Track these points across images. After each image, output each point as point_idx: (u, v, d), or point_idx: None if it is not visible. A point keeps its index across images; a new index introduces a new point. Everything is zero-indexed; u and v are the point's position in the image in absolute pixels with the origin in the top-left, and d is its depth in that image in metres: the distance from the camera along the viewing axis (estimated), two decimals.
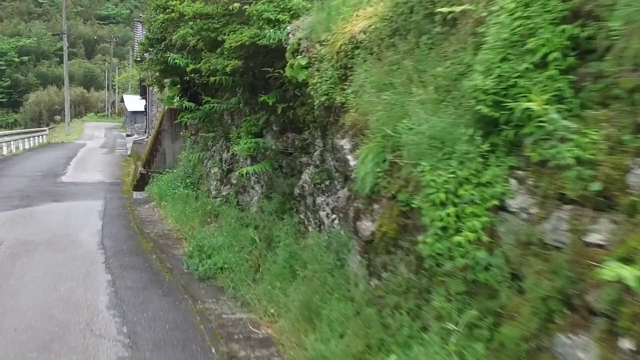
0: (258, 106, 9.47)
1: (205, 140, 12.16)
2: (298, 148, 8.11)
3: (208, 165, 11.82)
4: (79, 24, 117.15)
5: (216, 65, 8.72)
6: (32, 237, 9.79)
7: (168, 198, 12.47)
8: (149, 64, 12.42)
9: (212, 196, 11.09)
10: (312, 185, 7.47)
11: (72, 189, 15.75)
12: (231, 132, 10.60)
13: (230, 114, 10.89)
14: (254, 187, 9.58)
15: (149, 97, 33.56)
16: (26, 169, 20.53)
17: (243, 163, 9.99)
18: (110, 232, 10.45)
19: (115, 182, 17.84)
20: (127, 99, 68.58)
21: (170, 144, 15.40)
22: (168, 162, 15.40)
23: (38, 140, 36.23)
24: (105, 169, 21.36)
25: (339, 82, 5.93)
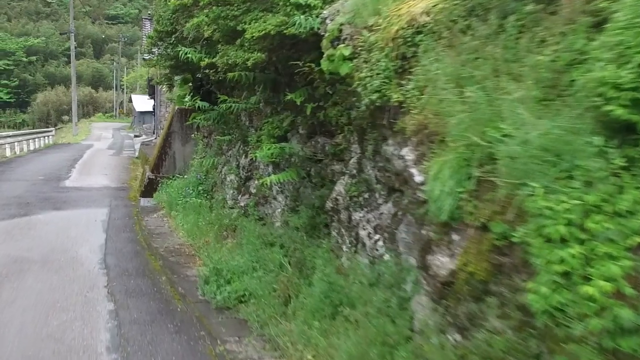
0: (281, 106, 8.35)
1: (219, 143, 11.01)
2: (329, 154, 6.96)
3: (223, 172, 10.67)
4: (87, 24, 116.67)
5: (235, 59, 7.57)
6: (27, 253, 8.66)
7: (179, 207, 11.33)
8: (158, 60, 11.28)
9: (228, 206, 9.94)
10: (348, 197, 6.33)
11: (75, 195, 14.64)
12: (249, 135, 9.47)
13: (249, 115, 9.76)
14: (276, 197, 8.42)
15: (157, 97, 32.51)
16: (28, 172, 19.46)
17: (264, 170, 8.85)
18: (115, 247, 9.32)
19: (121, 187, 16.73)
20: (136, 99, 67.72)
21: (181, 147, 14.27)
22: (178, 166, 14.27)
23: (44, 141, 35.24)
24: (112, 173, 20.26)
25: (394, 76, 4.76)
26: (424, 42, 4.48)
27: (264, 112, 8.94)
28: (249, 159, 9.44)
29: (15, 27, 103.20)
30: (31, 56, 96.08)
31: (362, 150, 6.20)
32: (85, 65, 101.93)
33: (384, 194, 5.64)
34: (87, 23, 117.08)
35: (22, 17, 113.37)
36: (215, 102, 10.32)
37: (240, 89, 10.29)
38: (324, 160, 7.15)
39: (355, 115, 6.07)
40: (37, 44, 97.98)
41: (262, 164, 8.90)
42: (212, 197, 11.07)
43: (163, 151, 14.27)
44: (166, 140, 14.25)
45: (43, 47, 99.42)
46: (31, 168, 20.81)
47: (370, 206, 5.96)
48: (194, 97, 11.33)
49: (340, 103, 6.59)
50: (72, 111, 50.60)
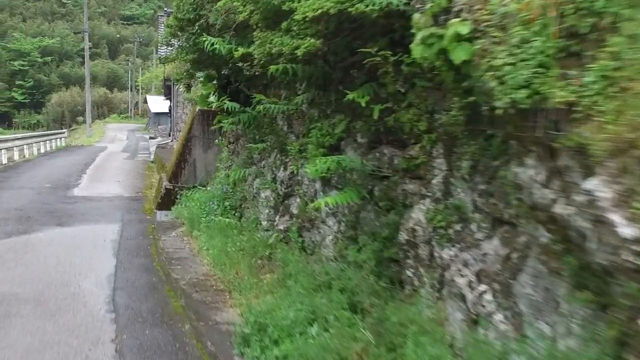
0: (331, 107, 6.67)
1: (250, 152, 9.32)
2: (400, 170, 5.27)
3: (255, 186, 8.97)
4: (103, 24, 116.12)
5: (281, 47, 5.87)
6: (17, 288, 7.01)
7: (202, 226, 9.66)
8: (178, 53, 9.60)
9: (262, 229, 8.24)
10: (430, 228, 4.64)
11: (83, 207, 13.01)
12: (288, 143, 7.80)
13: (287, 119, 8.09)
14: (326, 221, 6.71)
15: (173, 98, 30.95)
16: (35, 178, 17.89)
17: (309, 187, 7.15)
18: (126, 278, 7.64)
19: (135, 196, 15.09)
20: (151, 100, 66.39)
21: (202, 153, 12.61)
22: (199, 175, 12.60)
23: (56, 144, 33.80)
24: (125, 179, 18.65)
25: (556, 64, 3.04)
26: (612, 8, 2.78)
27: (308, 115, 7.28)
28: (289, 172, 7.73)
29: (31, 28, 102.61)
30: (46, 57, 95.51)
31: (450, 166, 4.54)
32: (100, 65, 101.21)
33: (485, 227, 4.03)
34: (102, 23, 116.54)
35: (37, 17, 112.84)
36: (245, 103, 8.71)
37: (276, 87, 8.65)
38: (392, 177, 5.46)
39: (445, 121, 4.40)
40: (52, 45, 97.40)
41: (307, 179, 7.21)
42: (241, 215, 9.37)
43: (182, 158, 12.62)
44: (185, 146, 12.60)
45: (58, 47, 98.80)
46: (39, 174, 19.26)
47: (464, 242, 4.30)
48: (219, 96, 9.72)
49: (417, 105, 4.94)
50: (86, 112, 49.24)
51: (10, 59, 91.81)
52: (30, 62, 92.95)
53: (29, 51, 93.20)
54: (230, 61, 8.50)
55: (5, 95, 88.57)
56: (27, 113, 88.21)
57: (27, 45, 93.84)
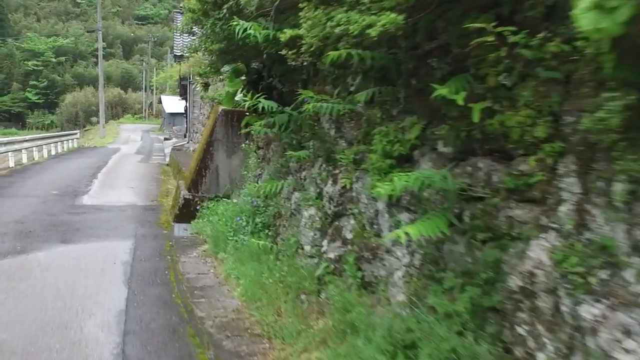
0: (400, 107, 5.19)
1: (286, 160, 7.87)
2: (503, 190, 3.78)
3: (294, 201, 7.46)
4: (117, 24, 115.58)
5: (346, 26, 4.41)
6: (4, 333, 5.58)
7: (229, 247, 8.19)
8: (201, 43, 8.11)
9: (305, 254, 6.74)
10: (558, 273, 3.17)
11: (92, 219, 11.59)
12: (337, 151, 6.34)
13: (335, 120, 6.62)
14: (392, 251, 5.21)
15: (189, 98, 29.58)
16: (41, 184, 16.52)
17: (367, 206, 5.65)
18: (140, 317, 6.17)
19: (150, 205, 13.66)
20: (165, 100, 65.30)
21: (226, 159, 11.15)
22: (222, 184, 11.15)
23: (67, 145, 32.54)
24: (139, 185, 17.23)
25: None
26: None
27: (366, 117, 5.81)
28: (340, 187, 6.22)
29: (45, 28, 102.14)
30: (60, 57, 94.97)
31: (587, 188, 3.04)
32: (115, 66, 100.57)
33: None
34: (116, 23, 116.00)
35: (52, 17, 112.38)
36: (279, 101, 7.28)
37: (320, 82, 7.20)
38: (489, 199, 3.95)
39: (588, 125, 2.95)
40: (66, 45, 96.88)
41: (364, 196, 5.72)
42: (276, 235, 7.88)
43: (203, 164, 11.16)
44: (207, 151, 11.14)
45: (72, 47, 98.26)
46: (46, 179, 17.89)
47: (614, 296, 2.78)
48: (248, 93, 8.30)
49: (531, 104, 3.49)
50: (99, 112, 48.09)
51: (25, 59, 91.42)
52: (44, 62, 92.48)
53: (43, 51, 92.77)
54: (266, 51, 7.08)
55: (19, 96, 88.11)
56: (41, 113, 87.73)
57: (41, 45, 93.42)
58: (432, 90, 3.82)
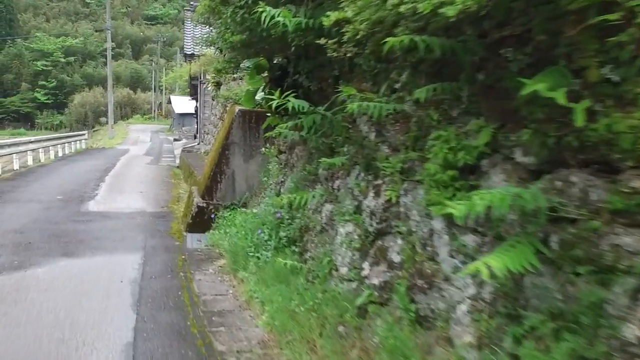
0: (461, 107, 4.27)
1: (315, 167, 6.96)
2: (606, 211, 2.83)
3: (325, 213, 6.52)
4: (126, 25, 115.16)
5: (413, 4, 3.50)
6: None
7: (250, 264, 7.28)
8: (220, 34, 7.17)
9: (340, 277, 5.79)
10: None
11: (98, 228, 10.69)
12: (380, 158, 5.43)
13: (375, 123, 5.71)
14: (452, 280, 4.28)
15: (200, 98, 28.72)
16: (46, 188, 15.66)
17: (420, 224, 4.72)
18: (150, 352, 5.24)
19: (160, 212, 12.76)
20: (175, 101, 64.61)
21: (243, 164, 10.23)
22: (239, 191, 10.23)
23: (75, 146, 31.75)
24: (148, 189, 16.34)
25: None
26: None
27: (417, 118, 4.88)
28: (384, 200, 5.29)
29: (54, 28, 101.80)
30: (69, 57, 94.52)
31: None
32: (124, 66, 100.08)
33: None
34: (125, 23, 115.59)
35: (61, 17, 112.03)
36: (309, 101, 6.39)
37: (358, 78, 6.29)
38: (589, 221, 3.00)
39: None
40: (75, 45, 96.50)
41: (416, 212, 4.79)
42: (303, 251, 6.94)
43: (218, 169, 10.24)
44: (222, 155, 10.22)
45: (81, 47, 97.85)
46: (51, 182, 17.05)
47: None
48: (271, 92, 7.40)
49: None
50: (108, 113, 47.34)
51: (34, 59, 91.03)
52: (54, 62, 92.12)
53: (52, 51, 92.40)
54: (294, 43, 6.18)
55: (28, 96, 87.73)
56: (50, 114, 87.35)
57: (50, 46, 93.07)
58: (509, 87, 2.91)
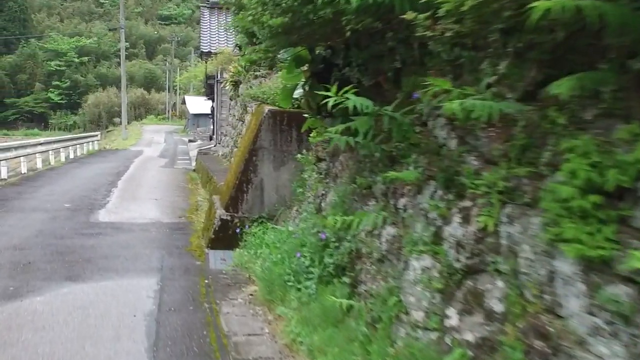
0: (602, 107, 2.86)
1: (368, 179, 5.69)
2: None
3: (387, 239, 5.22)
4: (140, 24, 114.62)
5: None
6: None
7: (289, 296, 6.01)
8: (257, 15, 5.84)
9: (414, 323, 4.48)
10: None
11: (107, 243, 9.47)
12: (466, 172, 4.11)
13: (459, 127, 4.40)
14: (588, 343, 2.94)
15: (217, 98, 27.52)
16: (53, 194, 14.49)
17: (535, 263, 3.38)
18: None
19: (177, 223, 11.53)
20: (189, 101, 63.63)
21: (273, 171, 8.97)
22: (268, 202, 8.98)
23: (87, 148, 30.67)
24: (164, 196, 15.11)
25: None
26: None
27: (528, 121, 3.59)
28: (476, 228, 3.97)
29: (68, 28, 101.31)
30: (83, 57, 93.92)
31: None
32: (138, 66, 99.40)
33: None
34: (139, 23, 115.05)
35: (75, 17, 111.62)
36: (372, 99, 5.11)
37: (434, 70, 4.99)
38: None
39: None
40: (89, 45, 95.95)
41: (529, 248, 3.48)
42: (356, 284, 5.63)
43: (244, 177, 8.99)
44: (249, 161, 8.97)
45: (95, 47, 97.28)
46: (59, 188, 15.88)
47: None
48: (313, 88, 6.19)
49: None
50: (122, 113, 46.33)
51: (47, 60, 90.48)
52: (67, 62, 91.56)
53: (66, 51, 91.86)
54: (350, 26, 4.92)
55: (42, 96, 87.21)
56: (64, 114, 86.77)
57: (64, 46, 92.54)
58: None
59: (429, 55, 4.95)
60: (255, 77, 16.61)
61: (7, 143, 18.91)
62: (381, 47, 5.75)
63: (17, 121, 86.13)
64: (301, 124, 8.84)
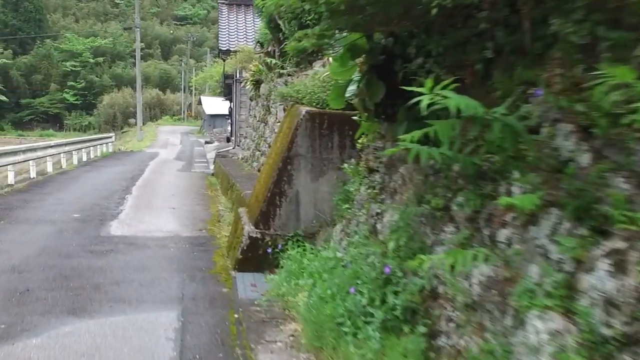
0: None
1: (444, 199, 4.43)
2: None
3: (480, 280, 3.94)
4: (155, 25, 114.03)
5: None
6: None
7: (344, 345, 4.75)
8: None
9: None
10: None
11: (119, 264, 8.27)
12: (612, 200, 2.74)
13: (594, 137, 3.05)
14: None
15: (236, 98, 26.36)
16: (62, 203, 13.33)
17: None
18: None
19: (198, 237, 10.32)
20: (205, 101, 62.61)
21: (310, 183, 7.73)
22: (305, 218, 7.75)
23: (101, 150, 29.62)
24: (182, 204, 13.91)
25: None
26: None
27: None
28: (636, 283, 2.66)
29: (83, 28, 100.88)
30: (98, 57, 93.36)
31: None
32: (153, 66, 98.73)
33: None
34: (155, 24, 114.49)
35: (90, 17, 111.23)
36: None
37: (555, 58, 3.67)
38: None
39: None
40: (104, 45, 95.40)
41: None
42: (433, 334, 4.36)
43: (277, 189, 7.75)
44: (283, 171, 7.73)
45: (110, 48, 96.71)
46: (69, 195, 14.73)
47: None
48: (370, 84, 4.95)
49: None
50: (137, 114, 45.33)
51: (63, 60, 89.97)
52: (82, 62, 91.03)
53: (81, 52, 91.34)
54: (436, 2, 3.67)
55: (57, 97, 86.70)
56: (79, 115, 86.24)
57: (79, 46, 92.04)
58: None
59: (541, 41, 3.71)
60: (280, 76, 15.40)
61: (15, 146, 17.79)
62: (465, 32, 4.49)
63: (33, 122, 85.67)
64: (344, 127, 7.58)
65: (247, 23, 28.38)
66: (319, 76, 8.38)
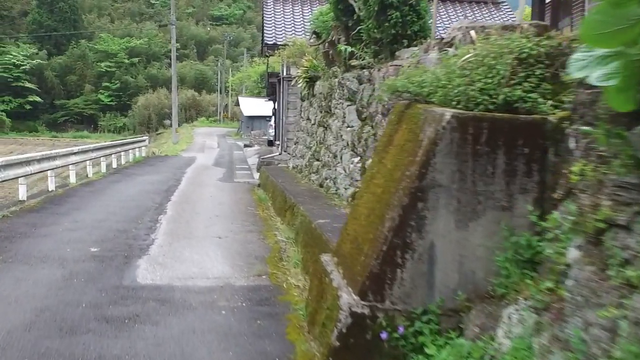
0: None
1: None
2: None
3: None
4: (191, 25, 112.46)
5: None
6: None
7: None
8: None
9: None
10: None
11: (148, 350, 5.36)
12: None
13: None
14: None
15: (282, 98, 23.46)
16: (77, 229, 10.51)
17: None
18: None
19: (258, 287, 7.38)
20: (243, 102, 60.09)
21: (455, 230, 4.71)
22: (442, 284, 4.75)
23: (133, 155, 27.03)
24: (229, 230, 10.96)
25: None
26: None
27: None
28: None
29: (118, 28, 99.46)
30: (133, 58, 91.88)
31: None
32: (189, 67, 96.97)
33: None
34: (190, 24, 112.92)
35: (125, 18, 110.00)
36: None
37: None
38: None
39: None
40: (139, 45, 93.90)
41: None
42: None
43: (398, 239, 4.77)
44: (409, 210, 4.74)
45: (145, 48, 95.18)
46: (89, 216, 11.92)
47: None
48: None
49: None
50: (172, 116, 42.85)
51: (97, 61, 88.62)
52: (117, 63, 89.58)
53: (116, 52, 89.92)
54: None
55: (92, 98, 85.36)
56: (113, 116, 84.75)
57: (114, 46, 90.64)
58: None
59: None
60: (348, 69, 12.43)
61: (29, 155, 15.03)
62: None
63: (67, 123, 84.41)
64: (515, 141, 4.57)
65: (295, 15, 25.49)
66: (454, 61, 5.37)
